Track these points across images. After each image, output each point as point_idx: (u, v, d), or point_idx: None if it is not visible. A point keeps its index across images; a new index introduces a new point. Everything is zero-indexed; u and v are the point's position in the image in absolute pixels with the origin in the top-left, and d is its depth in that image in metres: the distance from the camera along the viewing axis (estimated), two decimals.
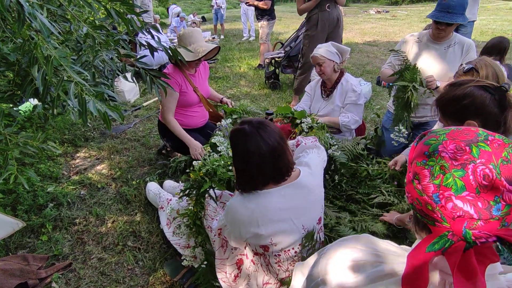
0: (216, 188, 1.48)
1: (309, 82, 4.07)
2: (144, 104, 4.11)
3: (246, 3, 6.30)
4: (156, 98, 4.06)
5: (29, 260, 1.73)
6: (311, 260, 0.80)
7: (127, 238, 1.98)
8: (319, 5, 3.43)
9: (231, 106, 2.59)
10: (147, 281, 1.70)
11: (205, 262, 1.52)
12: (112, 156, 2.90)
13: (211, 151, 1.73)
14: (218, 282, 1.49)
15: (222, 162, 1.46)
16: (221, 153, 1.58)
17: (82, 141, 3.12)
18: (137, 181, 2.49)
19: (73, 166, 2.75)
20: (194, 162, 1.49)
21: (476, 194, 0.48)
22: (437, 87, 2.11)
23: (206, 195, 1.52)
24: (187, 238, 1.52)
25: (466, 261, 0.48)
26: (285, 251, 1.29)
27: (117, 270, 1.77)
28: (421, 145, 0.56)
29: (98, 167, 2.73)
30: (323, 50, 2.37)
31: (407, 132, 2.19)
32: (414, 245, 0.61)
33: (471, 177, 0.48)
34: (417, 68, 2.06)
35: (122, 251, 1.88)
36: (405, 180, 0.59)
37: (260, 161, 1.15)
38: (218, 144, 1.67)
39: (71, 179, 2.54)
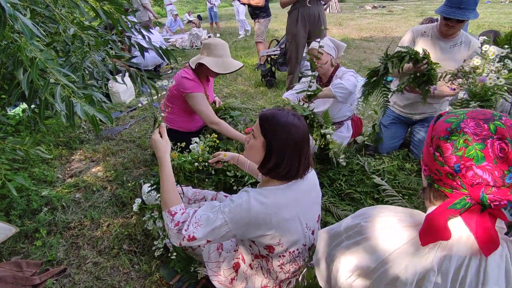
0: (182, 184, 1.45)
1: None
2: (140, 104, 4.08)
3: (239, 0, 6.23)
4: (155, 97, 4.02)
5: (23, 266, 1.70)
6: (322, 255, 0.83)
7: (123, 241, 1.95)
8: (300, 0, 3.44)
9: (218, 105, 2.59)
10: (143, 285, 1.68)
11: (175, 254, 1.51)
12: (107, 158, 2.87)
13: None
14: (195, 267, 1.52)
15: (190, 158, 1.43)
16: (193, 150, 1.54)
17: (77, 144, 3.09)
18: (133, 183, 2.46)
19: (68, 169, 2.72)
20: None
21: (494, 164, 0.55)
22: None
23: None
24: (153, 229, 1.49)
25: (482, 220, 0.57)
26: (290, 252, 1.27)
27: (112, 275, 1.75)
28: (441, 123, 0.63)
29: (93, 170, 2.70)
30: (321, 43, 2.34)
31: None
32: (428, 212, 0.67)
33: (490, 150, 0.55)
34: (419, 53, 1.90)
35: (117, 255, 1.86)
36: (422, 156, 0.68)
37: (307, 147, 1.17)
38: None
39: (66, 182, 2.51)
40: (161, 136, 1.38)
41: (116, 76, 1.73)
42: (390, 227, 0.68)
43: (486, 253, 0.56)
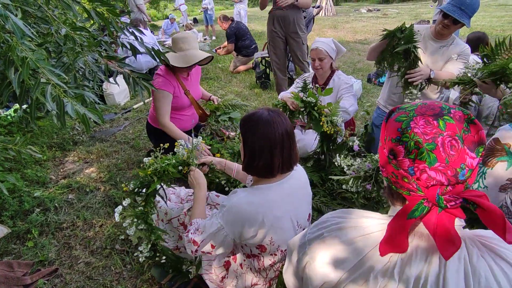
0: (165, 185, 1.44)
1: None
2: (134, 106, 4.08)
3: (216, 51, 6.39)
4: (147, 100, 4.04)
5: (14, 266, 1.70)
6: (294, 257, 0.80)
7: (115, 241, 1.95)
8: (277, 3, 3.54)
9: (216, 103, 2.58)
10: (135, 285, 1.68)
11: (164, 257, 1.51)
12: (101, 160, 2.87)
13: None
14: (186, 266, 1.54)
15: (174, 161, 1.41)
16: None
17: (70, 145, 3.08)
18: (126, 183, 2.46)
19: (61, 170, 2.72)
20: (145, 159, 1.45)
21: (446, 164, 0.54)
22: (430, 78, 2.03)
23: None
24: (135, 235, 1.45)
25: (441, 221, 0.54)
26: (281, 251, 1.28)
27: (104, 274, 1.75)
28: (392, 121, 0.59)
29: (87, 171, 2.70)
30: (326, 45, 2.36)
31: (419, 93, 2.02)
32: (389, 213, 0.67)
33: (441, 149, 0.53)
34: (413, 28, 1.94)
35: (110, 255, 1.86)
36: (379, 156, 0.64)
37: (281, 144, 1.17)
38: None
39: (59, 183, 2.51)
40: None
41: (110, 79, 1.74)
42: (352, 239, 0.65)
43: (446, 257, 0.53)
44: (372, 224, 0.65)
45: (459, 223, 0.58)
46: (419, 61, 1.96)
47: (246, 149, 1.21)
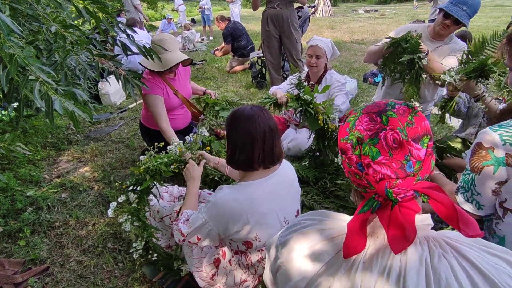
0: (158, 184, 1.46)
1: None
2: (130, 106, 4.08)
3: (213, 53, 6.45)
4: (140, 101, 4.03)
5: (5, 265, 1.69)
6: (272, 252, 0.80)
7: (108, 240, 1.95)
8: (270, 2, 3.58)
9: (214, 97, 2.56)
10: (126, 283, 1.68)
11: (155, 255, 1.53)
12: (95, 159, 2.87)
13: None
14: (178, 264, 1.55)
15: (166, 160, 1.43)
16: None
17: (65, 145, 3.08)
18: (120, 182, 2.46)
19: (55, 169, 2.71)
20: (141, 157, 1.47)
21: (390, 157, 0.54)
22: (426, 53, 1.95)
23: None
24: (132, 232, 1.47)
25: (394, 216, 0.53)
26: None
27: (96, 273, 1.75)
28: (345, 124, 0.62)
29: (81, 170, 2.69)
30: (325, 44, 2.37)
31: (422, 106, 1.97)
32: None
33: (383, 142, 0.54)
34: (419, 38, 1.88)
35: (102, 253, 1.86)
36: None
37: (262, 139, 1.19)
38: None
39: (52, 182, 2.50)
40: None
41: (105, 78, 1.74)
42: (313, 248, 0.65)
43: (394, 251, 0.52)
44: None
45: (422, 222, 0.57)
46: (423, 72, 1.90)
47: (229, 144, 1.24)
